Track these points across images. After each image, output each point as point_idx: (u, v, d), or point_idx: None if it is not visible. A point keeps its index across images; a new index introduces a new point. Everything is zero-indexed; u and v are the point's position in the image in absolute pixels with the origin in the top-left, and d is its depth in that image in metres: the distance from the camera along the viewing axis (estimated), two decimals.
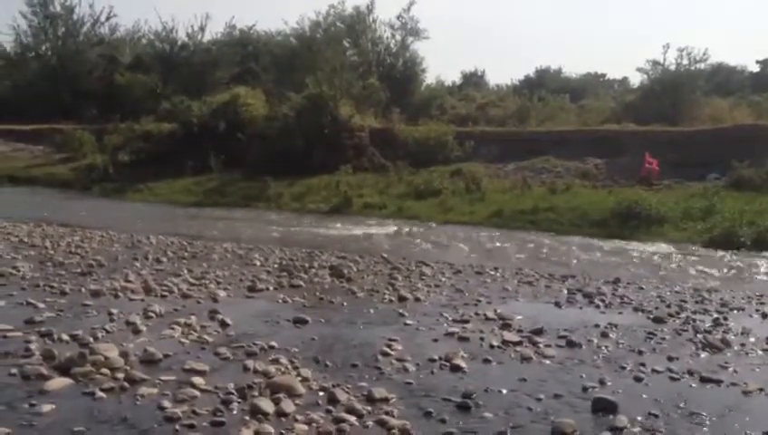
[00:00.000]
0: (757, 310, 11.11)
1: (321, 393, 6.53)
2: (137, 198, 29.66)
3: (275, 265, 13.83)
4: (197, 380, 6.69)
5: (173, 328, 8.50)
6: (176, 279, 11.69)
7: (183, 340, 8.11)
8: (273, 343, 8.02)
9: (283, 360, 7.41)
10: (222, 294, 10.84)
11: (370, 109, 36.74)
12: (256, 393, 6.41)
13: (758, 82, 49.07)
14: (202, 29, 48.82)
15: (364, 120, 34.92)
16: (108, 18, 53.09)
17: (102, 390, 6.34)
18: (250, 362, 7.27)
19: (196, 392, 6.39)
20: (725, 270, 15.49)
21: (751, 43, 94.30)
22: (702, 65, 40.91)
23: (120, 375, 6.73)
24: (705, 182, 26.80)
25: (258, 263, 14.07)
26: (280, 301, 10.58)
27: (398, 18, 45.82)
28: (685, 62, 39.61)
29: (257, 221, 22.92)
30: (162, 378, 6.73)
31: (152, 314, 9.19)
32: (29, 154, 39.29)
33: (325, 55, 40.43)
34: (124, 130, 37.73)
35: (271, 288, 11.52)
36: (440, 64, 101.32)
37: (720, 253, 17.51)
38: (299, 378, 6.85)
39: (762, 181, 25.09)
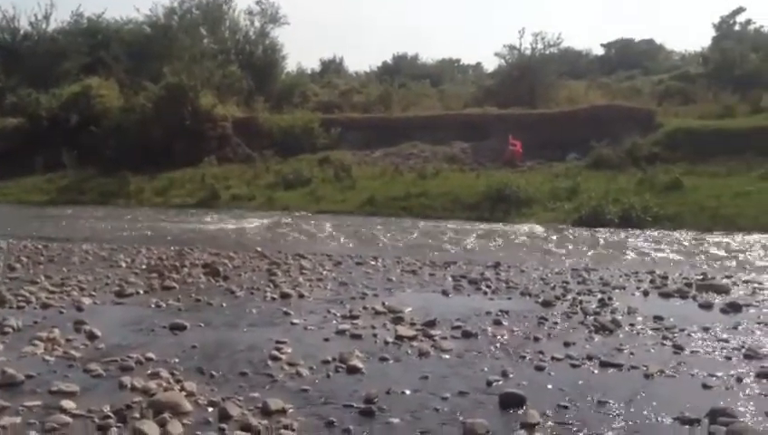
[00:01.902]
0: (637, 287, 11.26)
1: (210, 409, 5.89)
2: None
3: (144, 266, 12.96)
4: (67, 403, 5.90)
5: (34, 344, 7.60)
6: (33, 287, 10.67)
7: (47, 357, 7.24)
8: (150, 355, 7.28)
9: (164, 373, 6.70)
10: (87, 301, 9.94)
11: (233, 98, 35.76)
12: (137, 415, 5.70)
13: (604, 65, 51.22)
14: (46, 18, 45.99)
15: (227, 109, 33.99)
16: None
17: None
18: (126, 379, 6.52)
19: (68, 419, 5.61)
20: (598, 248, 15.81)
21: (594, 27, 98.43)
22: (555, 49, 42.16)
23: None
24: (566, 162, 27.65)
25: (124, 264, 13.15)
26: (153, 305, 9.79)
27: (257, 3, 44.76)
28: (540, 46, 40.67)
29: (119, 219, 21.67)
30: (26, 404, 5.89)
31: (8, 329, 8.22)
32: None
33: (182, 43, 38.96)
34: None
35: (141, 292, 10.69)
36: (299, 52, 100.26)
37: (590, 231, 17.90)
38: (184, 393, 6.17)
39: (619, 160, 26.07)
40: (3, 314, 8.96)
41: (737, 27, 43.32)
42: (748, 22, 43.22)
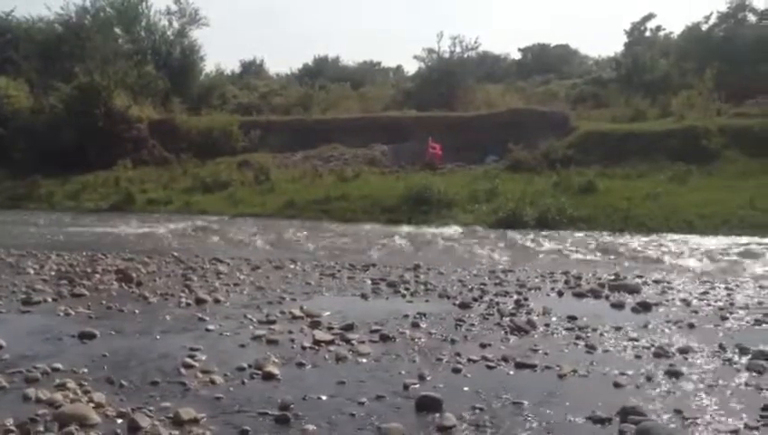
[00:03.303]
0: (552, 288, 11.45)
1: (119, 420, 5.71)
2: None
3: (53, 273, 12.51)
4: None
5: None
6: None
7: None
8: (58, 365, 7.02)
9: (71, 384, 6.46)
10: None
11: (148, 99, 34.96)
12: (41, 428, 5.50)
13: (521, 69, 52.14)
14: None
15: (142, 111, 33.27)
16: None
17: None
18: (31, 391, 6.27)
19: None
20: (515, 250, 16.03)
21: (511, 32, 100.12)
22: (473, 53, 42.72)
23: None
24: (485, 165, 28.06)
25: (32, 271, 12.66)
26: (61, 314, 9.44)
27: (175, 3, 43.89)
28: (458, 49, 41.14)
29: (28, 224, 20.93)
30: None
31: None
32: None
33: (95, 43, 37.94)
34: None
35: (49, 299, 10.31)
36: (217, 52, 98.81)
37: (507, 233, 18.15)
38: (92, 404, 5.97)
39: (536, 162, 26.52)
40: None
41: (648, 33, 44.59)
42: (658, 28, 44.58)
